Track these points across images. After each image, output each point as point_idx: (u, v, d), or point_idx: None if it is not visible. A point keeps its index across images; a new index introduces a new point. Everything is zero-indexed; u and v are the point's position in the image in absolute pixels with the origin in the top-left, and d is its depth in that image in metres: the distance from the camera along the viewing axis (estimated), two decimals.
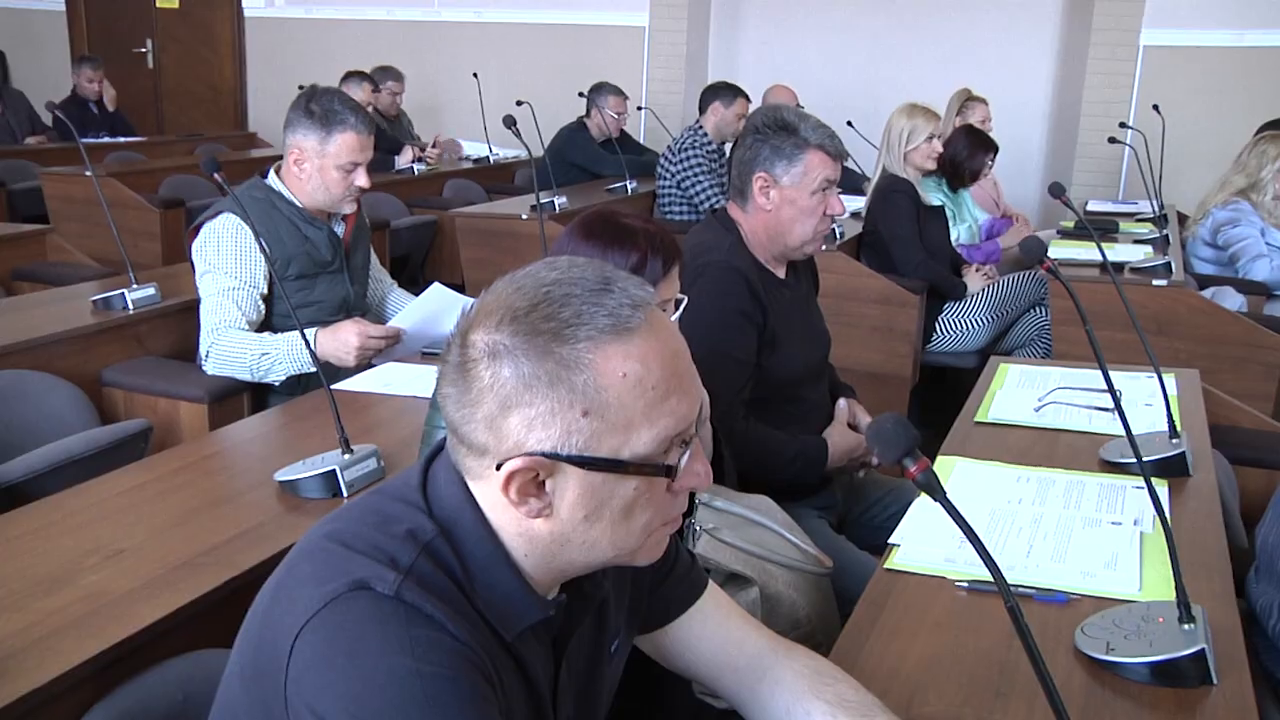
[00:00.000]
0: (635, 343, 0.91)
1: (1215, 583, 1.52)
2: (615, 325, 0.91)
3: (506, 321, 0.92)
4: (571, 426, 0.90)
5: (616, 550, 0.98)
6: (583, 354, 0.90)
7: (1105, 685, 1.30)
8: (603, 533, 0.96)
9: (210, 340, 2.61)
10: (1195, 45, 6.30)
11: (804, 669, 1.20)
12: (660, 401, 0.92)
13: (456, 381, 0.94)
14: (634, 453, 0.92)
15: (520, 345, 0.91)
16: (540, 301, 0.92)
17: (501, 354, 0.91)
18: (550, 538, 0.96)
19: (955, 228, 4.61)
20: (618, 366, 0.90)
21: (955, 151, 4.62)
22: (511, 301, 0.93)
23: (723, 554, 1.66)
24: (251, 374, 2.60)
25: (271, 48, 8.59)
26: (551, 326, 0.90)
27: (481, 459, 0.94)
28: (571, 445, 0.91)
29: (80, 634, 1.36)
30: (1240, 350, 3.50)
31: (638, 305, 0.92)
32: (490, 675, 0.92)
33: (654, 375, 0.92)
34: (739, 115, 5.47)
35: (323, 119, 2.64)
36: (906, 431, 0.94)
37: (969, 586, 1.53)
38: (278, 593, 0.96)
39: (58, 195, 5.19)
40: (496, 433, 0.92)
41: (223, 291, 2.61)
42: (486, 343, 0.92)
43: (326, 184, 2.67)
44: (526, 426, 0.91)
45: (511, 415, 0.91)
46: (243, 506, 1.79)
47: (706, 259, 2.16)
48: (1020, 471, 1.95)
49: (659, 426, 0.92)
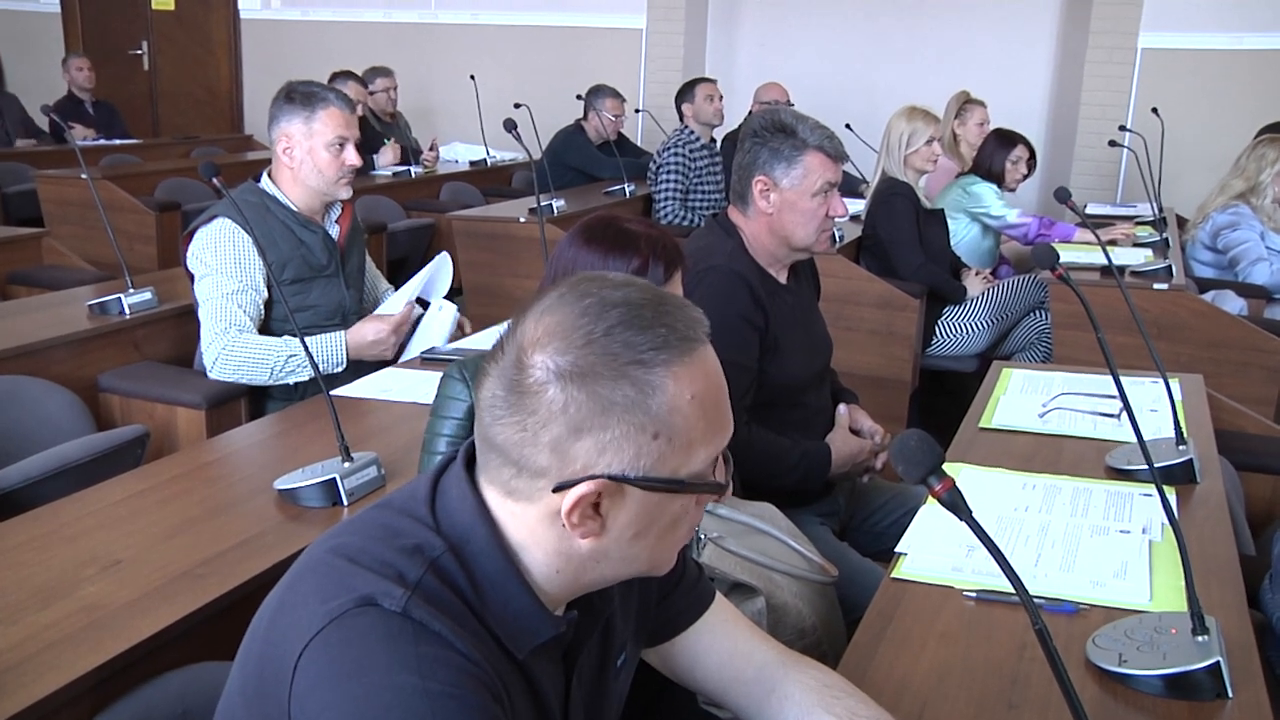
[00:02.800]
0: (698, 364, 0.93)
1: (1227, 593, 1.51)
2: (684, 348, 0.92)
3: (576, 346, 0.90)
4: (642, 449, 0.90)
5: (652, 564, 1.00)
6: (659, 378, 0.90)
7: (1118, 698, 1.28)
8: (644, 548, 0.97)
9: (221, 345, 2.57)
10: (1194, 48, 6.31)
11: (813, 682, 1.18)
12: (717, 418, 0.94)
13: (515, 405, 0.92)
14: (690, 471, 0.93)
15: (597, 368, 0.89)
16: (616, 325, 0.91)
17: (575, 378, 0.90)
18: (589, 555, 0.96)
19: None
20: (686, 388, 0.91)
21: (983, 157, 4.67)
22: (581, 324, 0.91)
23: (728, 563, 1.65)
24: (272, 375, 2.58)
25: (267, 50, 8.56)
26: (628, 353, 0.90)
27: (536, 480, 0.93)
28: (640, 467, 0.91)
29: (78, 647, 1.34)
30: (1242, 354, 3.49)
31: (695, 324, 0.94)
32: (499, 693, 0.90)
33: (713, 394, 0.94)
34: (707, 95, 5.56)
35: (304, 101, 2.65)
36: (931, 449, 0.93)
37: (977, 596, 1.52)
38: (281, 608, 0.94)
39: (53, 198, 5.16)
40: (562, 455, 0.91)
41: (225, 295, 2.58)
42: (556, 365, 0.90)
43: (319, 166, 2.66)
44: (599, 450, 0.90)
45: (584, 439, 0.90)
46: (242, 515, 1.77)
47: (708, 264, 2.15)
48: (1026, 478, 1.94)
49: (714, 444, 0.95)
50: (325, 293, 2.74)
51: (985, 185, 4.62)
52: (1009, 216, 4.62)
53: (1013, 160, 4.63)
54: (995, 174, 4.63)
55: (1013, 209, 4.66)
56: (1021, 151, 4.65)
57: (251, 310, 2.61)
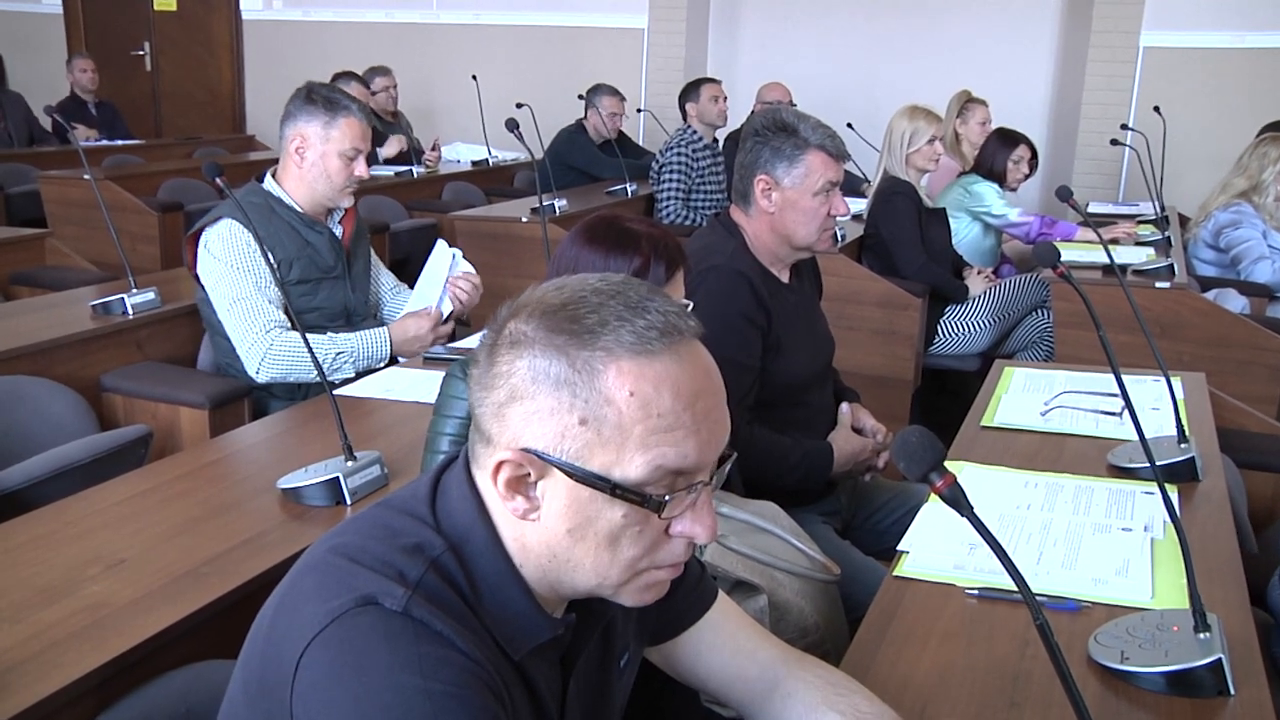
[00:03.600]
0: (653, 366, 0.90)
1: (1229, 590, 1.51)
2: (636, 344, 0.89)
3: (535, 314, 0.92)
4: (566, 431, 0.89)
5: (599, 578, 0.95)
6: (595, 362, 0.89)
7: (1120, 695, 1.28)
8: (585, 554, 0.93)
9: (266, 344, 2.55)
10: (1195, 47, 6.30)
11: (817, 680, 1.18)
12: (663, 430, 0.89)
13: (483, 363, 0.95)
14: (624, 476, 0.90)
15: (540, 339, 0.90)
16: (571, 303, 0.91)
17: (521, 344, 0.91)
18: (540, 548, 0.95)
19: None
20: (627, 384, 0.89)
21: (985, 156, 4.67)
22: (547, 297, 0.93)
23: (730, 561, 1.65)
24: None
25: (270, 50, 8.57)
26: (574, 328, 0.90)
27: (487, 447, 0.94)
28: (564, 450, 0.90)
29: (82, 646, 1.34)
30: (1244, 353, 3.49)
31: (667, 332, 0.91)
32: (500, 693, 0.90)
33: (664, 403, 0.89)
34: (713, 97, 5.54)
35: (326, 105, 2.65)
36: (932, 445, 0.93)
37: (979, 594, 1.52)
38: (282, 608, 0.94)
39: (56, 199, 5.17)
40: (500, 420, 0.92)
41: (253, 293, 2.58)
42: (512, 330, 0.92)
43: (328, 172, 2.66)
44: (525, 420, 0.90)
45: (515, 406, 0.91)
46: (245, 514, 1.77)
47: (710, 263, 2.15)
48: (1028, 476, 1.94)
49: (654, 454, 0.89)
50: (332, 294, 2.74)
51: (986, 184, 4.62)
52: (1010, 215, 4.62)
53: (1014, 160, 4.63)
54: (997, 173, 4.63)
55: (1014, 208, 4.66)
56: (1023, 151, 4.65)
57: (278, 305, 2.61)
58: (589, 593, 0.98)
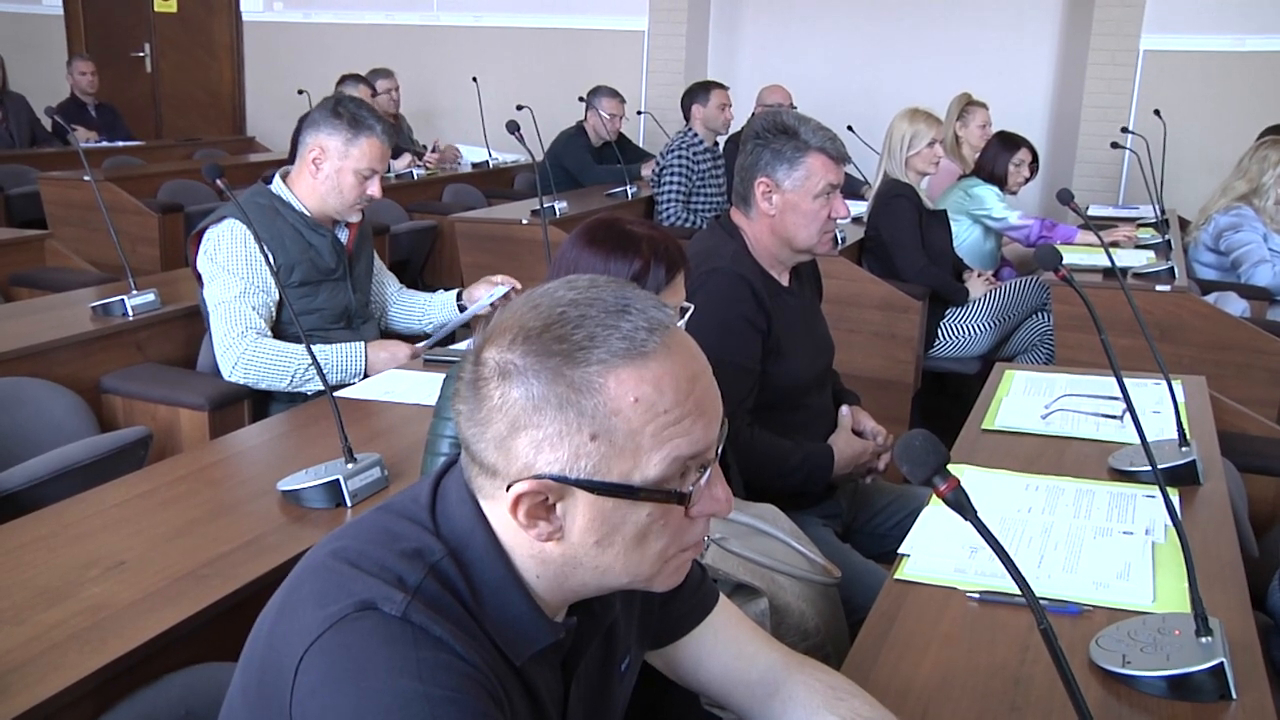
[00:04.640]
0: (649, 367, 0.89)
1: (1230, 594, 1.51)
2: (629, 349, 0.89)
3: (519, 341, 0.90)
4: (580, 450, 0.89)
5: (631, 576, 0.96)
6: (594, 377, 0.88)
7: (1121, 699, 1.28)
8: (615, 558, 0.94)
9: (241, 348, 2.57)
10: (1196, 50, 6.30)
11: (817, 684, 1.18)
12: (672, 425, 0.90)
13: (469, 399, 0.93)
14: (645, 478, 0.90)
15: (531, 366, 0.89)
16: (554, 322, 0.90)
17: (512, 374, 0.90)
18: (562, 560, 0.94)
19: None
20: (629, 391, 0.88)
21: (986, 160, 4.67)
22: (525, 320, 0.91)
23: (730, 564, 1.65)
24: (291, 382, 2.59)
25: (270, 52, 8.57)
26: (564, 348, 0.89)
27: (493, 479, 0.93)
28: (580, 469, 0.89)
29: (82, 648, 1.34)
30: (1244, 356, 3.49)
31: (654, 328, 0.90)
32: (499, 698, 0.90)
33: (667, 399, 0.89)
34: (720, 105, 5.51)
35: (351, 121, 2.65)
36: (936, 449, 0.93)
37: (980, 597, 1.52)
38: (282, 612, 0.94)
39: (56, 200, 5.17)
40: (506, 453, 0.91)
41: (238, 297, 2.58)
42: (498, 361, 0.91)
43: (341, 188, 2.67)
44: (534, 448, 0.89)
45: (520, 436, 0.90)
46: (245, 517, 1.77)
47: (710, 266, 2.15)
48: (1029, 480, 1.94)
49: (669, 449, 0.90)
50: (332, 296, 2.74)
51: (987, 187, 4.63)
52: (1011, 218, 4.62)
53: (1015, 163, 4.63)
54: (997, 177, 4.63)
55: (1014, 211, 4.66)
56: (1024, 155, 4.65)
57: (263, 312, 2.62)
58: (617, 589, 0.99)
